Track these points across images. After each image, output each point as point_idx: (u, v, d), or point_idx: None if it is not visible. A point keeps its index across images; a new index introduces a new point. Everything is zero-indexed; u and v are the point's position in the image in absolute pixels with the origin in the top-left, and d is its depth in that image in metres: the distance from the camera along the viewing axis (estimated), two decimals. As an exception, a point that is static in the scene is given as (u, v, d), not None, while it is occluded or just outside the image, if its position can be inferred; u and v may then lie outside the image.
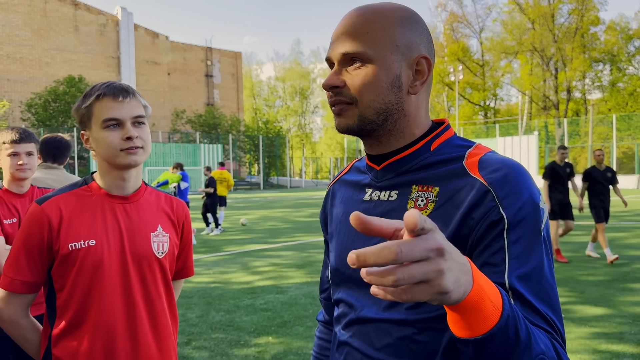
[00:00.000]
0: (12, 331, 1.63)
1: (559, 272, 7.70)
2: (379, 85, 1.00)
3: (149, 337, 1.63)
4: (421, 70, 1.03)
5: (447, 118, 1.17)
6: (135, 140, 1.57)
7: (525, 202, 0.92)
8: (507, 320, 0.73)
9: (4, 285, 1.59)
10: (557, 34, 53.48)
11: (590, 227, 13.05)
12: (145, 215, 1.68)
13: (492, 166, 0.96)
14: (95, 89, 1.60)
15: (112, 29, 51.47)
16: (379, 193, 1.07)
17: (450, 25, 63.21)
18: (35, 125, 38.67)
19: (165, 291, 1.70)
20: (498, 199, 0.92)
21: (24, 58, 46.11)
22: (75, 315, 1.57)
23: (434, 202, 0.98)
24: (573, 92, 55.85)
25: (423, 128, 1.07)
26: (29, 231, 1.57)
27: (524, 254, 0.89)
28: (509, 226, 0.90)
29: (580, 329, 5.08)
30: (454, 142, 1.06)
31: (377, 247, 0.60)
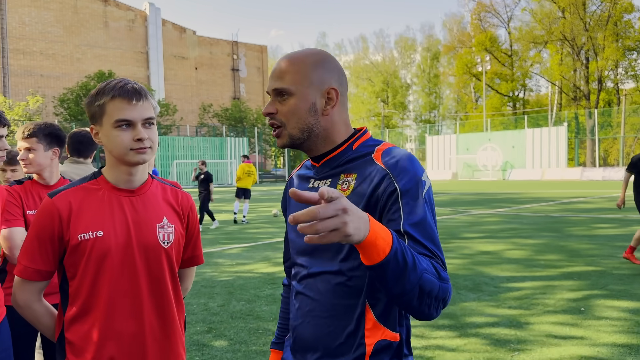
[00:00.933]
0: (27, 315, 1.76)
1: (594, 265, 7.65)
2: (300, 112, 1.42)
3: (154, 322, 1.73)
4: (331, 98, 1.44)
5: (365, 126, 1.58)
6: (145, 141, 1.67)
7: (410, 177, 1.34)
8: (396, 251, 1.14)
9: (18, 272, 1.71)
10: (589, 22, 52.06)
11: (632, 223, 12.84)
12: (151, 207, 1.77)
13: (389, 155, 1.40)
14: (109, 88, 1.67)
15: (141, 24, 52.25)
16: (319, 182, 1.50)
17: (477, 15, 62.19)
18: (67, 120, 39.65)
19: (170, 279, 1.80)
20: (393, 177, 1.34)
21: (56, 54, 47.23)
22: (85, 302, 1.68)
23: (353, 184, 1.41)
24: (605, 82, 54.35)
25: (343, 135, 1.49)
26: (41, 223, 1.69)
27: (412, 211, 1.31)
28: (401, 193, 1.33)
29: (600, 322, 5.07)
30: (369, 143, 1.48)
31: (305, 210, 1.00)
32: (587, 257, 8.30)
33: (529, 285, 6.61)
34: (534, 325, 5.03)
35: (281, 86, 1.41)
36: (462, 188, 31.32)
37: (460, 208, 17.41)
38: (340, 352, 1.40)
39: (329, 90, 1.43)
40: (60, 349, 1.73)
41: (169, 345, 1.78)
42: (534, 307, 5.62)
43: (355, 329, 1.38)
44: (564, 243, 9.72)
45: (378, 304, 1.37)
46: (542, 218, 13.90)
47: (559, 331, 4.83)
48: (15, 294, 1.73)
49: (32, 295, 1.73)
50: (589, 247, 9.19)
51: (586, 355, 4.22)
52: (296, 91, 1.41)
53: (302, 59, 1.43)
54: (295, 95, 1.41)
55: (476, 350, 4.41)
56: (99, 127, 1.70)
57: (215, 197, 16.84)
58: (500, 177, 45.66)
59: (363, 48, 78.40)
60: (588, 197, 20.79)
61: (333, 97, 1.43)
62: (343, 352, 1.40)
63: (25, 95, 40.65)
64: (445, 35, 79.81)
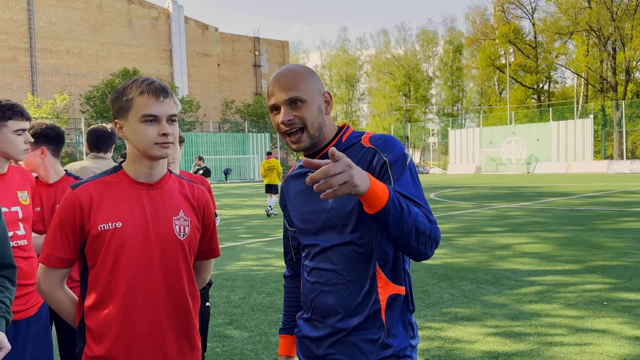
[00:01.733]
0: (50, 301, 1.86)
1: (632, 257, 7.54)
2: (314, 114, 1.67)
3: (169, 310, 1.81)
4: (327, 100, 1.74)
5: (347, 123, 1.85)
6: (169, 137, 1.76)
7: (396, 151, 1.64)
8: (393, 198, 1.40)
9: (41, 259, 1.81)
10: (616, 12, 50.78)
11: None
12: (168, 201, 1.85)
13: (375, 138, 1.69)
14: (137, 84, 1.76)
15: (164, 22, 52.84)
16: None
17: (500, 6, 61.22)
18: (94, 117, 40.42)
19: (185, 270, 1.87)
20: (381, 152, 1.64)
21: (82, 53, 48.10)
22: (104, 290, 1.76)
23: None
24: (633, 72, 53.00)
25: (333, 131, 1.76)
26: (63, 213, 1.78)
27: (400, 176, 1.60)
28: (390, 164, 1.62)
29: (622, 317, 5.01)
30: (354, 135, 1.75)
31: (318, 170, 1.28)
32: (611, 251, 8.18)
33: (550, 279, 6.55)
34: (555, 319, 4.99)
35: (295, 95, 1.64)
36: (486, 182, 30.98)
37: (483, 202, 17.26)
38: (359, 310, 1.64)
39: (325, 94, 1.73)
40: (80, 334, 1.82)
41: (184, 334, 1.86)
42: (556, 301, 5.58)
43: (370, 288, 1.64)
44: (588, 237, 9.59)
45: (386, 264, 1.65)
46: (566, 212, 13.71)
47: (580, 325, 4.80)
48: (39, 281, 1.83)
49: (55, 282, 1.82)
50: (613, 241, 9.05)
51: (607, 351, 4.18)
52: (307, 97, 1.66)
53: (299, 71, 1.69)
54: (308, 101, 1.66)
55: (497, 343, 4.41)
56: (124, 121, 1.78)
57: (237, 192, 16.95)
58: (525, 170, 45.01)
59: (385, 42, 77.89)
60: (614, 191, 20.39)
61: (328, 99, 1.74)
62: (361, 310, 1.64)
63: (53, 94, 41.54)
64: (468, 28, 78.81)
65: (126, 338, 1.75)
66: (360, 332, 1.65)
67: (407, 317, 1.70)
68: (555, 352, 4.19)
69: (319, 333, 1.72)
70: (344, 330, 1.66)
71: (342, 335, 1.67)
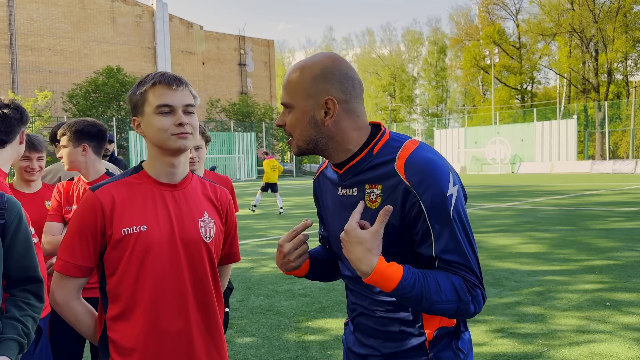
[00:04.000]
0: (65, 314, 1.70)
1: (621, 260, 7.56)
2: (300, 125, 1.44)
3: (197, 317, 1.70)
4: (329, 108, 1.41)
5: (381, 122, 1.54)
6: (186, 127, 1.65)
7: (435, 195, 1.34)
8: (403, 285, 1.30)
9: (57, 267, 1.66)
10: (598, 14, 51.51)
11: None
12: (192, 202, 1.75)
13: (412, 170, 1.37)
14: (149, 77, 1.67)
15: (148, 19, 52.26)
16: (345, 190, 1.52)
17: (485, 7, 61.73)
18: (76, 116, 39.78)
19: (211, 274, 1.77)
20: (418, 195, 1.35)
21: (64, 50, 47.32)
22: (129, 299, 1.64)
23: (381, 196, 1.41)
24: (614, 74, 53.83)
25: (358, 140, 1.46)
26: (83, 216, 1.65)
27: (442, 234, 1.35)
28: (428, 215, 1.34)
29: (627, 317, 4.99)
30: (391, 144, 1.44)
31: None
32: (606, 251, 8.20)
33: (550, 279, 6.53)
34: (560, 320, 4.96)
35: (284, 100, 1.47)
36: (472, 182, 31.16)
37: (472, 202, 17.30)
38: (401, 338, 1.49)
39: (326, 101, 1.41)
40: (103, 348, 1.69)
41: (213, 342, 1.76)
42: (558, 301, 5.55)
43: (414, 319, 1.47)
44: (581, 237, 9.62)
45: None
46: (556, 211, 13.78)
47: (587, 326, 4.76)
48: (53, 291, 1.68)
49: (71, 293, 1.68)
50: (606, 241, 9.09)
51: (617, 352, 4.15)
52: (296, 105, 1.44)
53: (303, 71, 1.44)
54: (295, 109, 1.44)
55: (505, 345, 4.35)
56: (141, 117, 1.69)
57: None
58: (509, 170, 45.40)
59: (370, 42, 78.08)
60: (600, 190, 20.61)
61: (331, 107, 1.41)
62: (403, 339, 1.49)
63: (34, 91, 40.79)
64: (453, 28, 79.34)
65: (154, 348, 1.64)
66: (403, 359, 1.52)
67: (456, 343, 1.51)
68: (565, 354, 4.14)
69: (362, 351, 1.60)
70: (386, 355, 1.53)
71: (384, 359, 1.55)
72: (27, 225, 1.79)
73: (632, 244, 8.75)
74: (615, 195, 18.19)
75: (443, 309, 1.34)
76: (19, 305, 1.71)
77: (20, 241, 1.72)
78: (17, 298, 1.73)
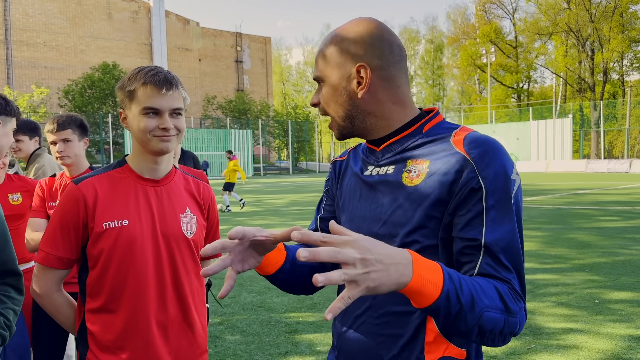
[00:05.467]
0: (45, 304, 1.73)
1: (603, 256, 7.61)
2: (333, 100, 1.26)
3: (177, 312, 1.73)
4: (362, 77, 1.22)
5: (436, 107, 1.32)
6: (170, 130, 1.66)
7: (498, 174, 1.12)
8: (448, 294, 0.97)
9: (39, 259, 1.69)
10: (594, 14, 51.61)
11: None
12: (175, 198, 1.77)
13: (474, 143, 1.16)
14: (141, 74, 1.66)
15: (144, 15, 52.12)
16: (378, 169, 1.28)
17: (482, 6, 61.76)
18: (72, 112, 39.69)
19: (193, 269, 1.79)
20: (478, 171, 1.12)
21: (60, 46, 47.19)
22: (109, 292, 1.66)
23: (425, 172, 1.18)
24: (610, 73, 53.97)
25: (402, 116, 1.26)
26: (65, 209, 1.67)
27: (498, 220, 1.10)
28: (486, 194, 1.11)
29: (615, 315, 5.03)
30: (444, 125, 1.26)
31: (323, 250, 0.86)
32: (597, 250, 8.25)
33: (541, 277, 6.57)
34: (549, 317, 4.99)
35: (315, 74, 1.30)
36: (467, 180, 31.19)
37: (467, 200, 17.34)
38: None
39: (357, 68, 1.22)
40: (82, 340, 1.72)
41: (194, 336, 1.79)
42: (548, 299, 5.59)
43: (413, 340, 1.19)
44: (573, 235, 9.67)
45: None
46: (549, 210, 13.84)
47: (575, 324, 4.80)
48: (34, 282, 1.71)
49: (52, 284, 1.71)
50: (598, 240, 9.14)
51: (604, 349, 4.18)
52: (326, 78, 1.26)
53: (333, 38, 1.27)
54: (326, 82, 1.27)
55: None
56: (128, 111, 1.69)
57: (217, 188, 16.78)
58: (505, 169, 45.52)
59: (367, 40, 77.87)
60: (594, 189, 20.70)
61: (363, 75, 1.22)
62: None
63: (30, 87, 40.66)
64: (449, 27, 79.41)
65: (134, 342, 1.66)
66: None
67: None
68: (552, 350, 4.18)
69: None
70: None
71: None
72: (4, 220, 1.79)
73: (623, 242, 8.81)
74: (609, 195, 18.27)
75: (494, 318, 1.03)
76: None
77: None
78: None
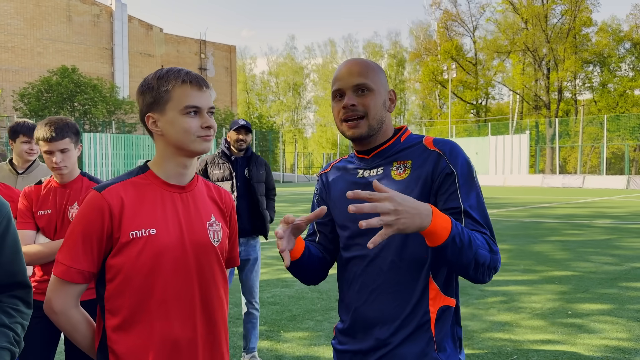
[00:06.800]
0: (62, 323, 1.59)
1: (571, 270, 7.82)
2: (378, 106, 1.63)
3: (204, 326, 1.64)
4: (392, 98, 1.69)
5: (405, 124, 1.77)
6: (212, 129, 1.61)
7: (463, 161, 1.57)
8: (454, 236, 1.37)
9: (58, 273, 1.55)
10: (550, 34, 53.71)
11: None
12: (200, 205, 1.69)
13: (441, 142, 1.61)
14: (174, 73, 1.60)
15: (106, 19, 51.01)
16: (369, 171, 1.67)
17: (444, 23, 63.30)
18: (27, 116, 38.27)
19: (221, 280, 1.71)
20: (448, 160, 1.56)
21: (16, 47, 45.57)
22: (134, 307, 1.55)
23: (410, 169, 1.61)
24: (564, 92, 56.17)
25: (391, 132, 1.70)
26: (88, 218, 1.55)
27: (469, 192, 1.54)
28: (458, 176, 1.55)
29: (588, 325, 5.17)
30: (413, 136, 1.70)
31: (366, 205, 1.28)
32: (564, 262, 8.50)
33: (513, 289, 6.70)
34: (526, 329, 5.09)
35: (364, 82, 1.61)
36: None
37: (432, 212, 17.60)
38: (407, 322, 1.55)
39: (391, 92, 1.69)
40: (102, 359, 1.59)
41: (219, 350, 1.69)
42: (523, 311, 5.70)
43: (421, 299, 1.55)
44: (539, 248, 9.94)
45: (439, 274, 1.57)
46: (513, 224, 14.19)
47: (552, 335, 4.90)
48: (51, 299, 1.57)
49: (70, 300, 1.58)
50: (563, 252, 9.42)
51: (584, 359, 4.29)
52: (375, 88, 1.62)
53: (370, 64, 1.66)
54: (375, 91, 1.62)
55: (473, 356, 4.43)
56: (159, 114, 1.61)
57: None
58: (464, 182, 46.48)
59: (332, 52, 78.62)
60: (553, 203, 21.38)
61: (393, 97, 1.69)
62: (409, 322, 1.55)
63: (-18, 89, 39.04)
64: (412, 43, 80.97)
65: (162, 359, 1.56)
66: (408, 346, 1.55)
67: (456, 330, 1.63)
68: (534, 362, 4.25)
69: (363, 345, 1.61)
70: (391, 343, 1.56)
71: (389, 349, 1.57)
72: (16, 229, 1.69)
73: (586, 255, 9.11)
74: (567, 208, 18.90)
75: (484, 255, 1.44)
76: (7, 312, 1.60)
77: (8, 245, 1.61)
78: (6, 304, 1.62)
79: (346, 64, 1.66)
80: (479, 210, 1.54)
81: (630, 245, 10.23)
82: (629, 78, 53.26)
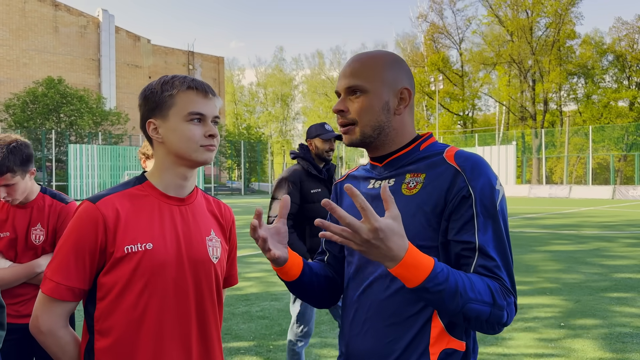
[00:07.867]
0: (49, 344, 1.49)
1: (557, 281, 7.80)
2: (373, 109, 1.40)
3: (200, 347, 1.55)
4: (404, 97, 1.42)
5: (431, 131, 1.53)
6: (215, 138, 1.54)
7: (485, 184, 1.31)
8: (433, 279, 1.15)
9: (47, 290, 1.45)
10: (535, 47, 54.45)
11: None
12: (200, 219, 1.60)
13: (463, 157, 1.35)
14: (179, 79, 1.53)
15: (93, 30, 50.80)
16: (380, 182, 1.46)
17: (430, 36, 63.88)
18: (12, 127, 37.85)
19: (217, 298, 1.62)
20: (467, 180, 1.31)
21: (1, 58, 45.17)
22: (126, 327, 1.46)
23: (422, 183, 1.37)
24: (549, 103, 56.85)
25: (409, 137, 1.46)
26: (81, 231, 1.45)
27: (487, 224, 1.28)
28: (475, 202, 1.29)
29: (581, 337, 5.13)
30: (437, 145, 1.45)
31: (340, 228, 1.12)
32: (554, 272, 8.49)
33: (504, 301, 6.66)
34: (520, 342, 5.03)
35: (355, 83, 1.40)
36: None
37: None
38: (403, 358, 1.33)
39: (402, 90, 1.42)
40: None
41: None
42: (515, 324, 5.65)
43: (420, 337, 1.32)
44: (528, 259, 9.93)
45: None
46: (501, 234, 14.20)
47: (546, 349, 4.85)
48: (38, 318, 1.47)
49: (59, 319, 1.48)
50: (552, 264, 9.42)
51: (577, 372, 4.24)
52: (370, 88, 1.39)
53: (375, 58, 1.42)
54: (369, 92, 1.39)
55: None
56: (162, 120, 1.52)
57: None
58: (452, 193, 46.70)
59: (319, 63, 78.93)
60: (541, 214, 21.50)
61: (406, 97, 1.42)
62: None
63: (-34, 100, 38.56)
64: (399, 54, 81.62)
65: None
66: None
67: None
68: (528, 376, 4.19)
69: None
70: None
71: None
72: None
73: (575, 265, 9.11)
74: (555, 219, 19.00)
75: (478, 309, 1.20)
76: None
77: None
78: None
79: (347, 62, 1.47)
80: (497, 248, 1.28)
81: (618, 254, 10.27)
82: (613, 89, 54.12)
